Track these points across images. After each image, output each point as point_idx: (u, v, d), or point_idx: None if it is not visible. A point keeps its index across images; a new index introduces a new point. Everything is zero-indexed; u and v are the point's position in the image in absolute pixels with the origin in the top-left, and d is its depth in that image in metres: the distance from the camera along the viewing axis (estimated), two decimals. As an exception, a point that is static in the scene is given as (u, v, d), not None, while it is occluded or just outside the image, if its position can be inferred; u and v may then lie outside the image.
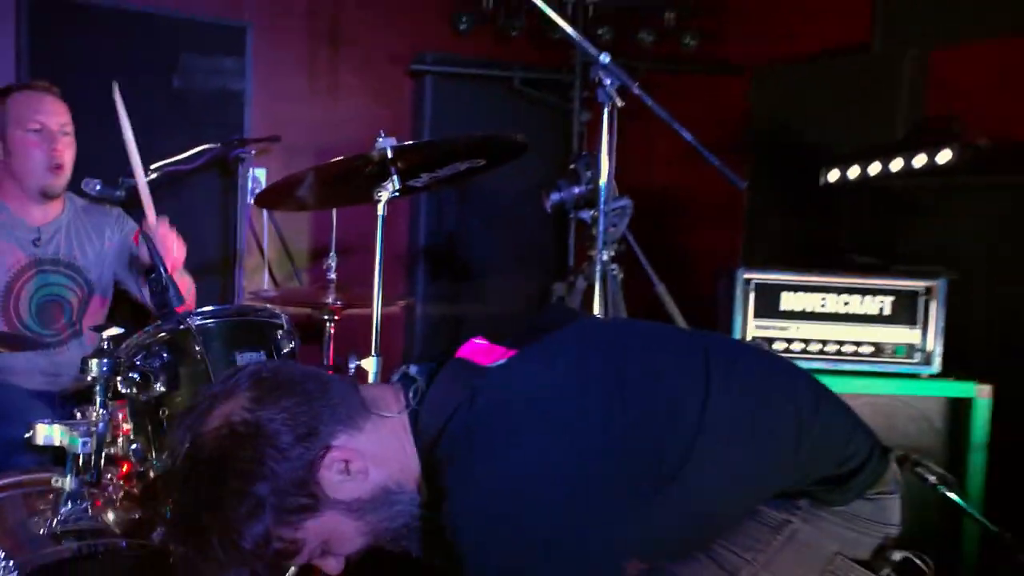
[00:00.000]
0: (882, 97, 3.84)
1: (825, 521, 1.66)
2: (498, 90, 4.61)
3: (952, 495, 2.69)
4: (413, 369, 1.64)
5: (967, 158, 3.16)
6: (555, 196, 2.86)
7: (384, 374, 2.56)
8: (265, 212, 4.03)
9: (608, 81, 2.66)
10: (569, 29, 2.78)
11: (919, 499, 2.39)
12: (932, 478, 2.48)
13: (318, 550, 1.53)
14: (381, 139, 2.52)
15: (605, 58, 2.66)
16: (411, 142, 2.54)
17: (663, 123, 2.70)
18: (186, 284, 3.09)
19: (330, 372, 3.08)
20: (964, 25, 3.63)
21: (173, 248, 2.94)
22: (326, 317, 3.15)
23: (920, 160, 3.31)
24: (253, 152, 3.90)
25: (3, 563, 1.87)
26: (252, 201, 4.03)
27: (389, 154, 2.51)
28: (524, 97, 4.61)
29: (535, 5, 2.72)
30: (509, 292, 4.59)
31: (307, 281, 4.34)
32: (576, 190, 2.84)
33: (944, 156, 3.26)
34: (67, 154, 3.04)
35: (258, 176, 4.13)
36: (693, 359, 1.61)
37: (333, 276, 3.16)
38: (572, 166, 2.88)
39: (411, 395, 1.57)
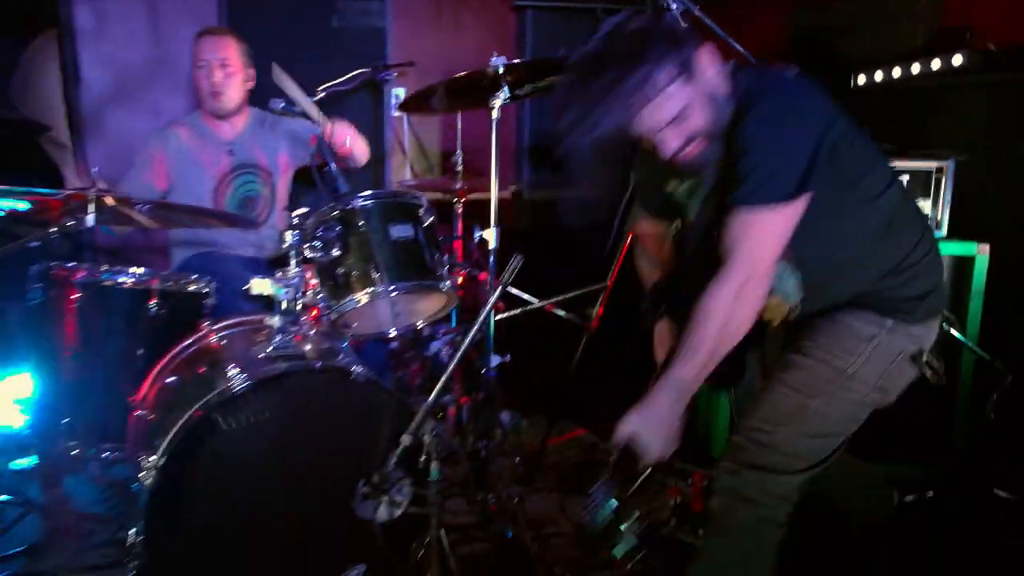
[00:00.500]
0: (906, 12, 3.62)
1: (898, 336, 1.81)
2: (584, 20, 4.43)
3: (954, 332, 2.65)
4: None
5: (977, 61, 3.01)
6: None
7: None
8: (405, 121, 4.04)
9: (675, 6, 2.57)
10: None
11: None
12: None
13: (669, 122, 1.72)
14: (494, 58, 2.50)
15: (671, -15, 2.56)
16: (516, 60, 2.50)
17: (720, 39, 2.60)
18: (361, 146, 3.16)
19: (457, 241, 3.16)
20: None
21: (348, 137, 3.01)
22: (455, 199, 3.18)
23: (936, 64, 3.16)
24: (395, 75, 3.88)
25: (239, 375, 2.00)
26: (395, 112, 4.04)
27: (500, 70, 2.49)
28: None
29: None
30: (595, 179, 4.54)
31: (439, 172, 4.37)
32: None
33: (957, 60, 3.11)
34: (226, 83, 3.07)
35: (398, 94, 4.12)
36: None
37: (459, 168, 3.18)
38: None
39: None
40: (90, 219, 2.17)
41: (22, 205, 2.29)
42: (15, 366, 2.86)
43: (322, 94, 3.40)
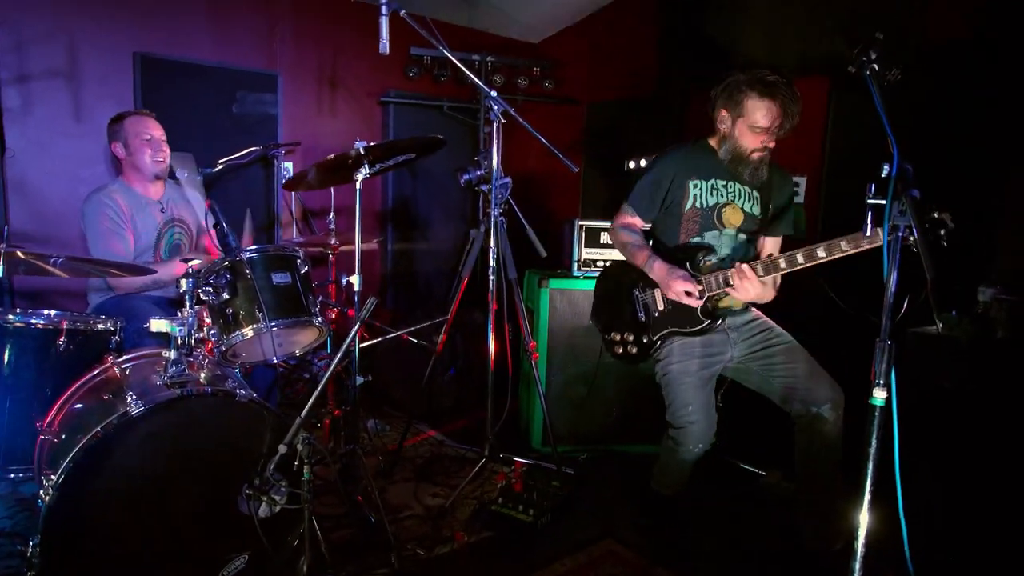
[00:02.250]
0: (660, 121, 3.87)
1: None
2: (433, 114, 4.46)
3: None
4: None
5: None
6: (466, 176, 2.79)
7: (364, 287, 2.52)
8: (293, 193, 3.87)
9: (496, 107, 2.60)
10: (474, 77, 2.70)
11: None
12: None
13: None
14: (357, 142, 2.43)
15: (493, 93, 2.59)
16: (372, 143, 2.45)
17: (529, 132, 2.66)
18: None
19: (331, 285, 3.04)
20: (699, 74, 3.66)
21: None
22: (329, 252, 3.07)
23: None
24: (283, 152, 3.73)
25: (136, 400, 1.81)
26: (283, 184, 3.87)
27: (362, 151, 2.43)
28: (449, 118, 4.49)
29: (456, 63, 2.62)
30: (443, 235, 4.54)
31: (317, 231, 4.21)
32: (478, 172, 2.78)
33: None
34: (166, 154, 2.86)
35: (287, 167, 3.95)
36: None
37: (332, 227, 3.08)
38: (476, 158, 2.81)
39: None
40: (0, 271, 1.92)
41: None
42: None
43: (221, 166, 3.22)
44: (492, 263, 2.65)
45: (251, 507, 1.91)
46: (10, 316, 2.17)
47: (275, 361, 2.34)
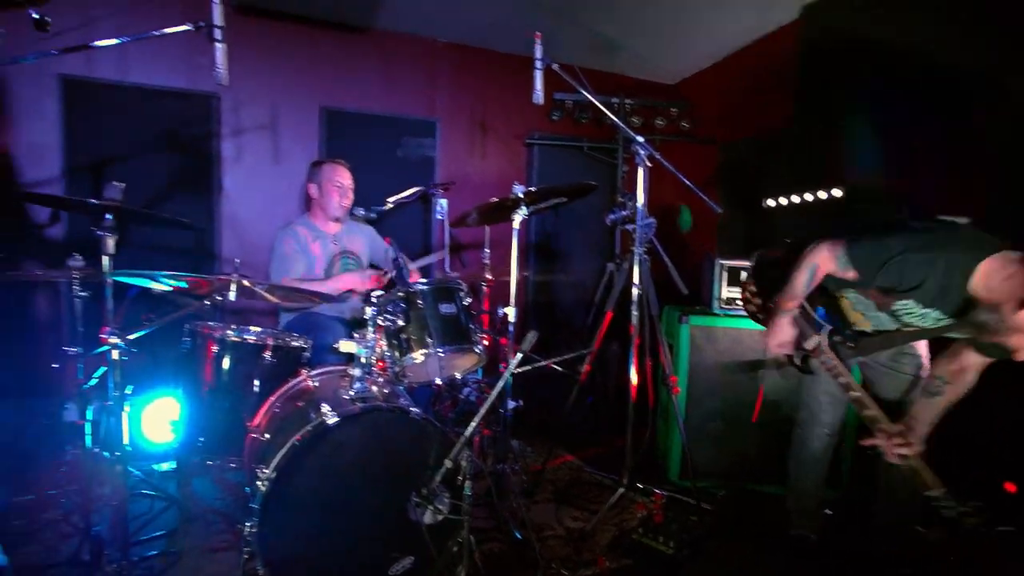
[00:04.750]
0: (798, 160, 3.74)
1: None
2: (574, 154, 4.60)
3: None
4: None
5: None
6: (612, 216, 2.86)
7: (519, 321, 2.64)
8: (447, 225, 4.12)
9: (642, 152, 2.67)
10: (620, 123, 2.80)
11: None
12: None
13: None
14: (516, 187, 2.58)
15: (640, 139, 2.66)
16: (532, 188, 2.58)
17: (664, 168, 2.71)
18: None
19: (484, 315, 3.22)
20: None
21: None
22: (483, 284, 3.26)
23: (822, 194, 3.26)
24: (440, 191, 3.99)
25: (329, 411, 2.04)
26: (440, 218, 4.12)
27: (520, 195, 2.58)
28: (589, 158, 4.60)
29: (594, 104, 2.73)
30: (580, 268, 4.63)
31: (468, 263, 4.44)
32: (623, 212, 2.84)
33: (837, 192, 3.19)
34: (350, 200, 3.20)
35: (442, 204, 4.18)
36: None
37: (487, 261, 3.26)
38: (621, 199, 2.87)
39: None
40: (232, 295, 2.24)
41: (183, 284, 2.36)
42: (166, 392, 2.90)
43: (391, 204, 3.52)
44: (635, 299, 2.70)
45: (418, 514, 2.06)
46: (229, 332, 2.51)
47: (438, 383, 2.52)
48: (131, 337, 2.03)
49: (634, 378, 2.68)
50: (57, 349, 3.30)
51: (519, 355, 2.13)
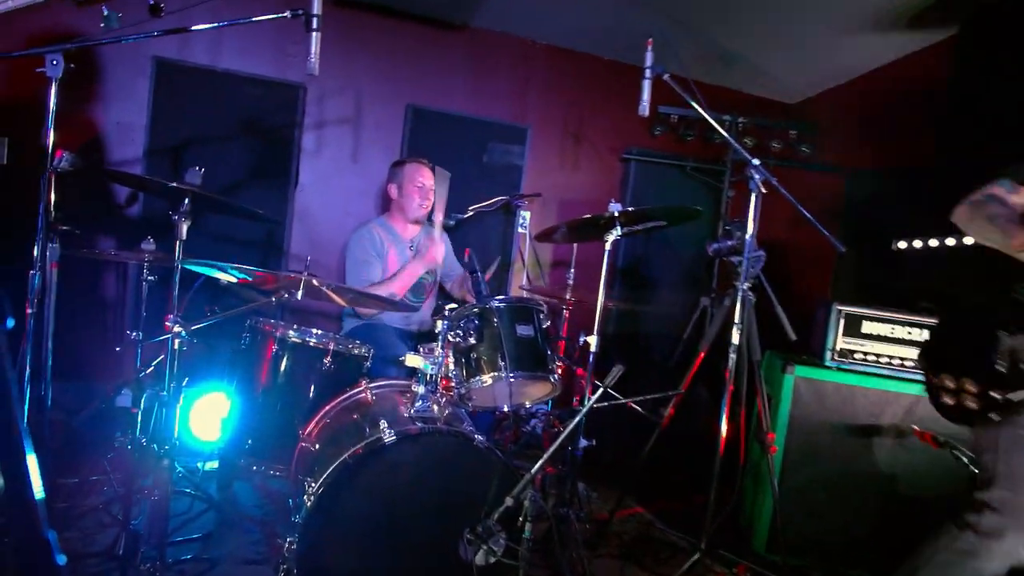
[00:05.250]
0: (939, 197, 3.50)
1: None
2: (675, 173, 4.51)
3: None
4: None
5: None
6: (715, 245, 2.76)
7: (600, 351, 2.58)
8: (528, 237, 4.12)
9: (756, 176, 2.56)
10: (733, 142, 2.71)
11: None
12: (963, 458, 2.27)
13: None
14: (612, 204, 2.54)
15: (756, 161, 2.56)
16: (631, 208, 2.53)
17: (784, 202, 2.59)
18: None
19: (562, 341, 3.17)
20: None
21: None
22: (564, 306, 3.21)
23: (967, 240, 3.05)
24: (526, 202, 4.00)
25: (387, 428, 2.03)
26: (521, 231, 4.13)
27: (615, 214, 2.53)
28: (693, 178, 4.50)
29: (702, 120, 2.65)
30: (671, 299, 4.51)
31: (548, 281, 4.42)
32: (728, 242, 2.74)
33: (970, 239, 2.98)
34: (430, 202, 3.25)
35: (525, 216, 4.21)
36: None
37: (571, 281, 3.22)
38: (727, 227, 2.77)
39: None
40: (299, 294, 2.29)
41: (249, 277, 2.44)
42: (219, 387, 3.00)
43: (471, 213, 3.55)
44: (735, 340, 2.58)
45: (470, 553, 2.02)
46: (290, 332, 2.57)
47: (505, 410, 2.49)
48: (194, 327, 2.09)
49: (724, 429, 2.56)
50: (120, 332, 3.49)
51: (599, 390, 2.07)
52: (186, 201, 2.13)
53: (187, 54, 3.59)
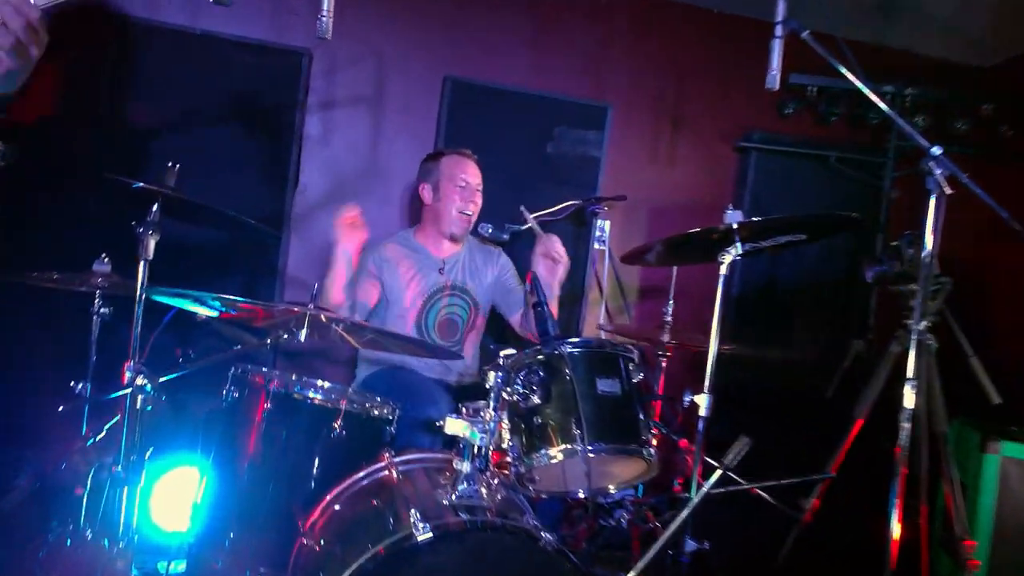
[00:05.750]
0: None
1: None
2: (814, 166, 4.44)
3: None
4: None
5: None
6: (877, 268, 2.70)
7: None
8: (607, 257, 4.09)
9: (938, 171, 2.48)
10: (900, 121, 2.63)
11: None
12: None
13: None
14: (729, 212, 2.49)
15: (937, 150, 2.48)
16: (756, 217, 2.48)
17: (976, 205, 2.49)
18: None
19: (658, 403, 3.12)
20: None
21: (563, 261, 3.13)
22: (659, 352, 3.16)
23: None
24: (605, 208, 3.98)
25: (421, 521, 2.01)
26: (600, 247, 4.11)
27: (734, 226, 2.48)
28: (838, 173, 4.42)
29: (853, 94, 2.59)
30: (806, 342, 4.41)
31: (635, 317, 4.37)
32: (896, 264, 2.67)
33: None
34: (476, 210, 3.27)
35: (603, 227, 4.19)
36: None
37: (669, 318, 3.17)
38: (895, 243, 2.71)
39: None
40: (302, 334, 2.31)
41: (232, 311, 2.47)
42: (189, 460, 3.03)
43: (532, 223, 3.53)
44: (908, 404, 2.48)
45: None
46: (288, 384, 2.56)
47: (581, 496, 2.44)
48: (161, 379, 2.12)
49: (896, 530, 2.46)
50: (61, 385, 3.57)
51: (715, 471, 2.02)
52: (154, 208, 2.17)
53: (156, 11, 3.71)
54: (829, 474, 2.72)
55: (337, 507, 2.37)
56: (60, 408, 3.11)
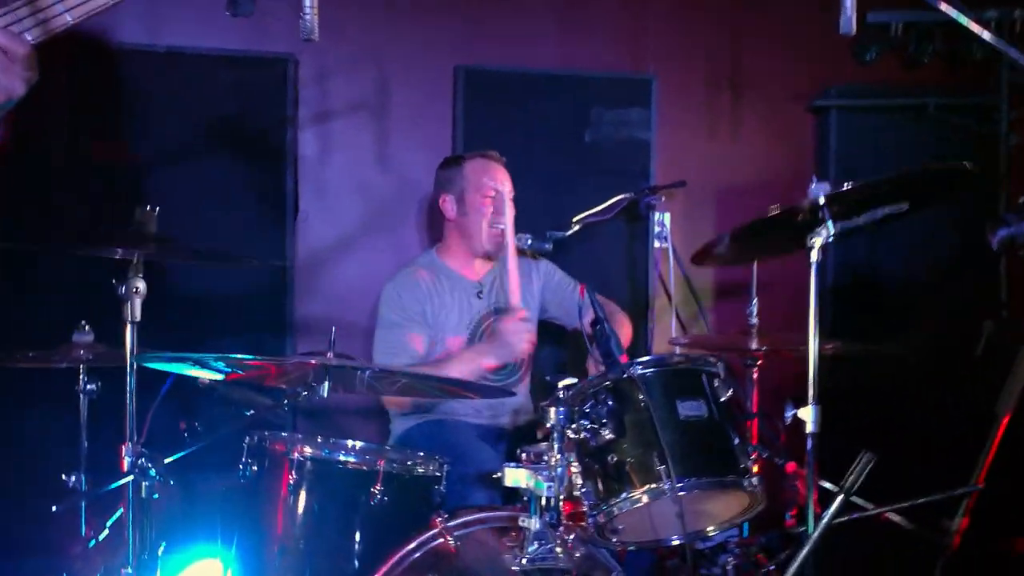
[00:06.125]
0: None
1: None
2: (908, 119, 4.39)
3: None
4: None
5: None
6: (1003, 231, 2.65)
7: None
8: (671, 256, 4.08)
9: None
10: (1012, 52, 2.61)
11: None
12: None
13: None
14: (814, 186, 2.47)
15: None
16: (847, 186, 2.45)
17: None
18: (626, 331, 3.26)
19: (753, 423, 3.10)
20: None
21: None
22: (748, 362, 3.14)
23: None
24: (662, 198, 3.97)
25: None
26: (661, 244, 4.10)
27: (821, 202, 2.46)
28: (939, 124, 4.36)
29: (948, 25, 2.56)
30: (926, 331, 4.34)
31: (712, 325, 4.34)
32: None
33: None
34: (510, 219, 3.26)
35: (663, 220, 4.19)
36: None
37: (755, 321, 3.15)
38: (1022, 199, 2.67)
39: None
40: (324, 390, 2.33)
41: (240, 371, 2.50)
42: (210, 551, 3.05)
43: (577, 227, 3.55)
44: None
45: None
46: (315, 448, 2.59)
47: (675, 543, 2.45)
48: (166, 460, 2.15)
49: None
50: (52, 480, 3.61)
51: (837, 496, 2.01)
52: (136, 258, 2.21)
53: (111, 30, 3.74)
54: (976, 486, 2.66)
55: (391, 587, 2.39)
56: (53, 508, 3.15)
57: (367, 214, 4.07)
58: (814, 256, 2.49)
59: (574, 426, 2.28)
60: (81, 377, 2.83)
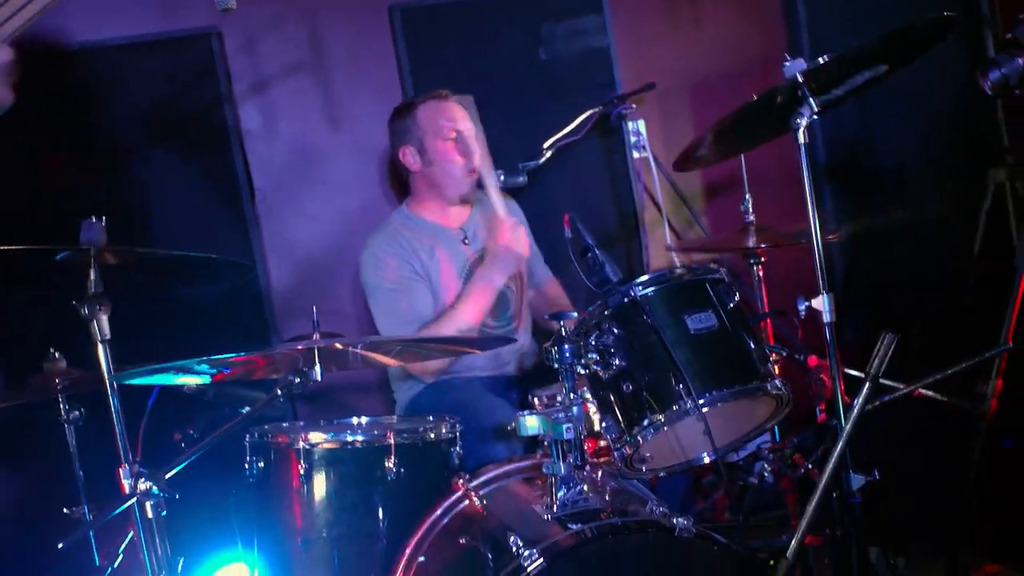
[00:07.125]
0: None
1: None
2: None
3: None
4: None
5: None
6: (994, 73, 2.64)
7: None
8: (653, 164, 4.08)
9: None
10: None
11: None
12: None
13: None
14: (787, 63, 2.47)
15: None
16: (823, 58, 2.45)
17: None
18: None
19: (764, 324, 3.13)
20: None
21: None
22: (751, 261, 3.17)
23: None
24: (632, 106, 3.96)
25: (524, 549, 2.04)
26: (639, 154, 4.09)
27: (799, 77, 2.46)
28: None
29: None
30: (933, 195, 4.37)
31: (708, 227, 4.36)
32: (1021, 60, 2.61)
33: None
34: (480, 157, 3.26)
35: (638, 129, 4.17)
36: None
37: (750, 217, 3.17)
38: (1009, 35, 2.65)
39: None
40: (316, 372, 2.34)
41: (225, 370, 2.52)
42: (232, 556, 3.10)
43: (548, 153, 3.54)
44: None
45: None
46: (319, 434, 2.63)
47: (707, 461, 2.49)
48: (167, 474, 2.16)
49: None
50: (54, 515, 3.64)
51: (865, 382, 2.03)
52: (92, 277, 2.20)
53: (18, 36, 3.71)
54: (1007, 345, 2.69)
55: (422, 559, 2.42)
56: (60, 545, 3.18)
57: (326, 180, 4.06)
58: (801, 137, 2.50)
59: (582, 361, 2.30)
60: (62, 406, 2.84)
